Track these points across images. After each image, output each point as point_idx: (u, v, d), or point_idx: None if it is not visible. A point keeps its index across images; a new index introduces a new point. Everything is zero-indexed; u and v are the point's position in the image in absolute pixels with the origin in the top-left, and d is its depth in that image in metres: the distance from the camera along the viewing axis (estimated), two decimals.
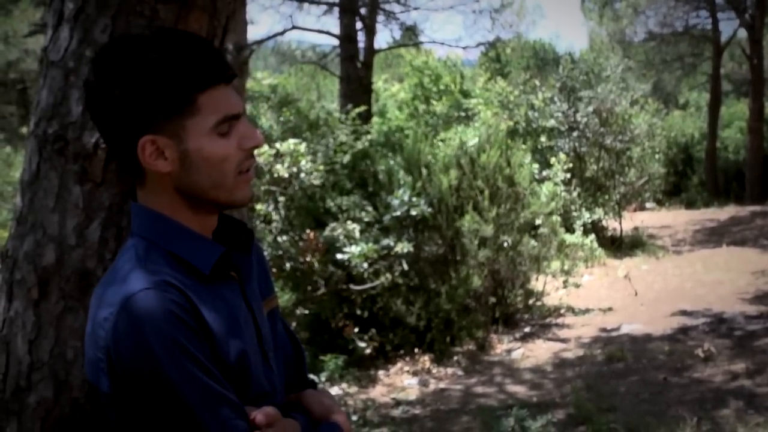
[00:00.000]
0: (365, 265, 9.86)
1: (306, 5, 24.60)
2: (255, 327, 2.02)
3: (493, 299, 11.29)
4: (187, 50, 1.87)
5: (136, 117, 1.85)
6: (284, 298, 10.31)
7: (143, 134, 1.86)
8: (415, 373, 10.10)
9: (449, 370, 10.13)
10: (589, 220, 15.91)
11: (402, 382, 9.86)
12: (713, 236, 18.46)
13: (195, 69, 1.86)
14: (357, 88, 17.24)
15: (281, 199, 10.22)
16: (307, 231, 10.12)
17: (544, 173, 14.22)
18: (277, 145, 10.01)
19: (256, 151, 2.03)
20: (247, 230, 2.10)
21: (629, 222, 18.27)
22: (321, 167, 10.40)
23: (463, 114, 21.01)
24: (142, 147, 1.86)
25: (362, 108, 12.85)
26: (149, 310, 1.76)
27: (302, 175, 10.05)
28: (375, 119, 18.26)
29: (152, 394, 1.76)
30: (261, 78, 13.45)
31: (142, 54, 1.85)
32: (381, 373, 10.20)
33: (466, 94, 23.76)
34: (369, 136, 11.74)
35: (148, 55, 1.85)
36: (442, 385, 9.72)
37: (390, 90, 27.79)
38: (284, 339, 2.20)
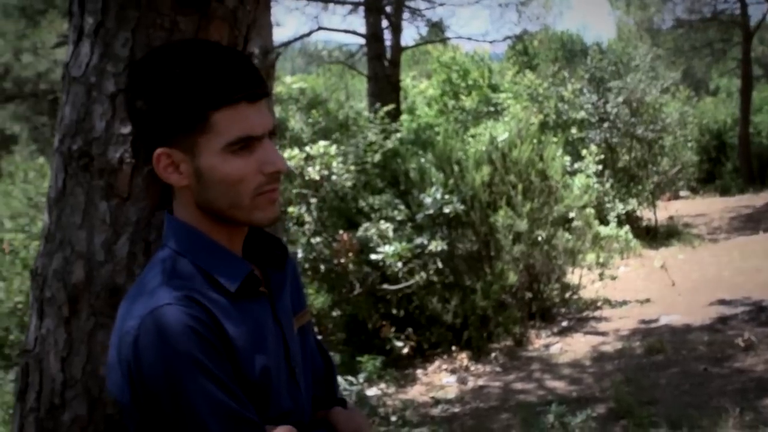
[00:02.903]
0: (399, 264, 9.84)
1: (331, 5, 24.64)
2: (283, 343, 2.00)
3: (529, 294, 11.24)
4: (209, 65, 1.84)
5: (154, 129, 1.86)
6: (320, 300, 10.32)
7: (159, 146, 1.87)
8: (453, 371, 10.07)
9: (487, 367, 10.10)
10: (623, 211, 15.83)
11: (440, 381, 9.84)
12: (749, 223, 18.31)
13: (212, 86, 1.83)
14: (385, 86, 17.24)
15: (313, 201, 10.22)
16: (340, 232, 10.12)
17: (576, 165, 14.15)
18: (308, 148, 10.01)
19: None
20: (281, 246, 2.09)
21: (664, 212, 18.17)
22: (352, 168, 10.40)
23: (492, 108, 20.96)
24: (157, 159, 1.87)
25: (391, 106, 12.83)
26: (170, 325, 1.75)
27: (333, 177, 10.05)
28: (404, 117, 18.26)
29: (169, 409, 1.75)
30: (290, 82, 13.45)
31: (164, 67, 1.85)
32: (419, 372, 10.19)
33: (494, 89, 23.73)
34: (398, 135, 11.72)
35: (170, 69, 1.84)
36: (480, 382, 9.69)
37: (418, 87, 27.76)
38: (315, 355, 2.18)
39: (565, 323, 11.32)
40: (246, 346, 1.86)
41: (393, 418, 8.10)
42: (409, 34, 69.78)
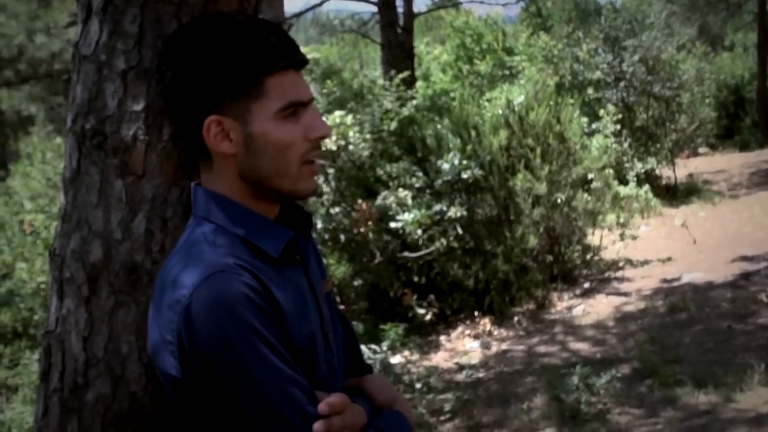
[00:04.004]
0: (419, 231, 9.84)
1: None
2: (318, 309, 2.01)
3: (550, 257, 11.23)
4: (257, 32, 1.87)
5: (204, 96, 1.87)
6: (341, 269, 10.34)
7: (209, 113, 1.87)
8: (476, 337, 10.09)
9: (510, 331, 10.11)
10: (642, 171, 15.75)
11: (464, 346, 9.86)
12: None
13: (264, 50, 1.86)
14: (399, 53, 17.17)
15: (331, 171, 10.22)
16: (359, 201, 10.12)
17: (593, 126, 14.08)
18: (324, 118, 9.98)
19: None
20: (305, 214, 2.10)
21: (683, 169, 18.08)
22: (368, 137, 10.38)
23: (507, 72, 20.87)
24: (208, 127, 1.87)
25: (405, 73, 12.78)
26: (223, 293, 1.76)
27: (350, 146, 10.04)
28: (419, 83, 18.20)
29: (225, 377, 1.75)
30: (304, 53, 13.39)
31: (212, 34, 1.87)
32: (442, 338, 10.21)
33: (509, 52, 23.61)
34: (414, 102, 11.68)
35: (218, 35, 1.86)
36: (504, 346, 9.70)
37: (432, 53, 27.64)
38: (337, 323, 2.18)
39: (587, 285, 11.31)
40: (292, 312, 1.87)
41: (418, 385, 8.13)
42: (422, 0, 69.54)
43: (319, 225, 9.84)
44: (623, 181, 13.75)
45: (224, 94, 1.86)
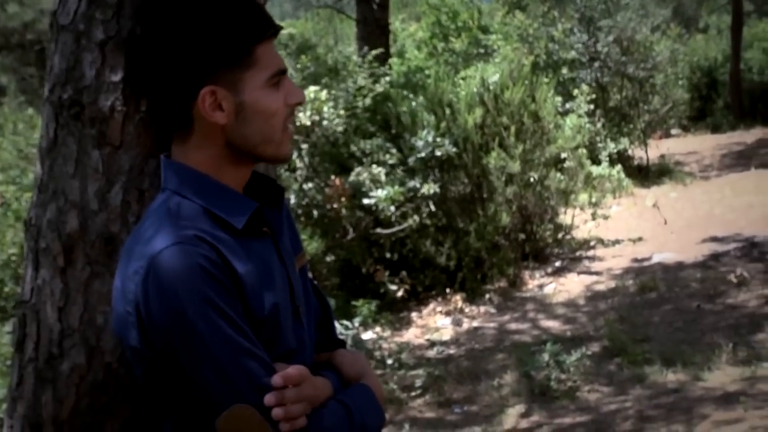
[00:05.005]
0: (392, 208, 9.84)
1: None
2: (288, 281, 2.01)
3: (522, 235, 11.27)
4: (240, 2, 1.89)
5: (197, 66, 1.86)
6: (313, 245, 10.33)
7: (203, 84, 1.87)
8: (448, 313, 10.12)
9: (482, 309, 10.16)
10: (615, 151, 15.78)
11: (435, 323, 9.89)
12: (741, 159, 18.32)
13: (253, 20, 1.88)
14: (374, 30, 17.05)
15: (304, 146, 10.19)
16: (332, 177, 10.10)
17: (567, 106, 14.11)
18: None
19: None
20: (277, 186, 2.11)
21: (655, 150, 18.15)
22: (342, 113, 10.36)
23: (482, 50, 20.84)
24: (203, 98, 1.87)
25: (380, 50, 12.72)
26: (179, 264, 1.76)
27: (324, 122, 10.01)
28: (394, 60, 18.10)
29: (180, 349, 1.76)
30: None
31: (200, 4, 1.87)
32: (414, 315, 10.24)
33: (484, 30, 23.54)
34: (388, 78, 11.65)
35: (208, 6, 1.87)
36: (475, 323, 9.75)
37: (408, 30, 27.53)
38: (312, 298, 2.19)
39: (558, 263, 11.37)
40: (254, 284, 1.87)
41: (389, 361, 8.17)
42: None
43: (292, 200, 9.82)
44: (596, 161, 13.79)
45: (218, 65, 1.86)
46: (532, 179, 11.14)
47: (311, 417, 1.84)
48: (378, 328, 9.20)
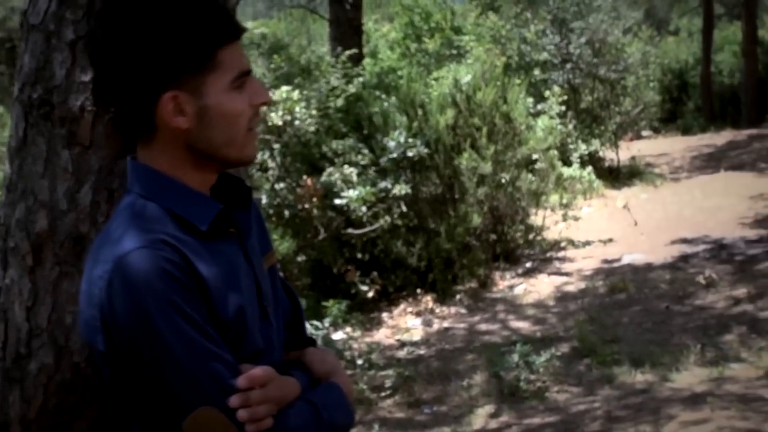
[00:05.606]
0: (364, 208, 9.85)
1: None
2: (255, 282, 2.01)
3: (493, 236, 11.30)
4: (204, 5, 1.87)
5: (159, 71, 1.84)
6: (284, 245, 10.33)
7: (165, 89, 1.84)
8: (418, 314, 10.14)
9: (452, 309, 10.18)
10: (586, 152, 15.82)
11: (406, 324, 9.91)
12: (711, 162, 18.43)
13: (215, 24, 1.86)
14: (347, 30, 17.05)
15: (276, 146, 10.18)
16: (304, 177, 10.10)
17: (539, 107, 14.14)
18: (270, 93, 9.93)
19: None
20: (245, 187, 2.09)
21: (626, 152, 18.22)
22: (315, 113, 10.36)
23: (455, 51, 20.86)
24: (165, 103, 1.85)
25: (353, 50, 12.74)
26: (143, 268, 1.76)
27: (296, 122, 10.01)
28: (366, 61, 18.10)
29: (145, 353, 1.76)
30: (252, 27, 13.31)
31: (161, 8, 1.84)
32: (384, 315, 10.25)
33: (457, 31, 23.55)
34: (361, 79, 11.65)
35: (168, 9, 1.84)
36: (445, 324, 9.77)
37: (381, 30, 27.53)
38: (283, 297, 2.19)
39: (529, 264, 11.40)
40: (219, 286, 1.86)
41: (359, 362, 8.17)
42: None
43: (264, 200, 9.80)
44: (567, 163, 13.84)
45: (180, 70, 1.84)
46: (503, 180, 11.17)
47: (278, 418, 1.84)
48: (348, 329, 9.19)
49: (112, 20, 1.87)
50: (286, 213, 10.01)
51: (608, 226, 13.07)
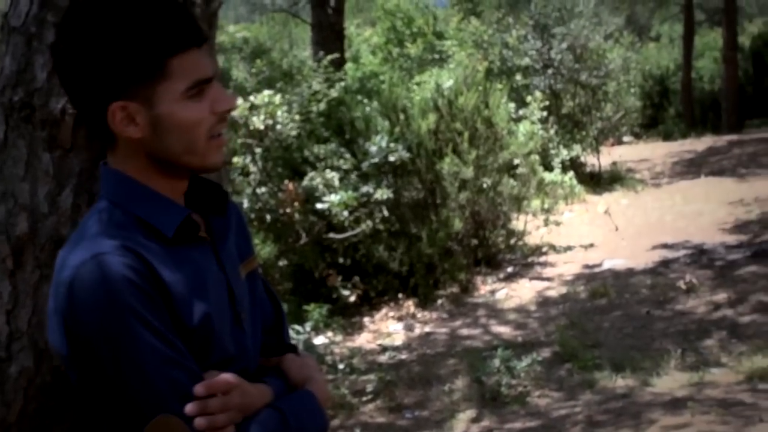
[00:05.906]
0: (345, 213, 9.84)
1: None
2: (228, 288, 1.99)
3: (474, 241, 11.31)
4: (156, 13, 1.82)
5: (106, 82, 1.81)
6: (266, 249, 10.31)
7: (113, 100, 1.82)
8: (400, 319, 10.14)
9: (434, 314, 10.18)
10: (567, 157, 15.85)
11: (387, 328, 9.91)
12: (691, 167, 18.48)
13: (165, 33, 1.82)
14: (329, 34, 17.07)
15: (258, 150, 10.17)
16: (286, 182, 10.09)
17: (521, 112, 14.15)
18: (252, 97, 9.95)
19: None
20: (221, 192, 2.07)
21: (607, 157, 18.27)
22: (296, 117, 10.35)
23: (437, 56, 20.89)
24: (113, 113, 1.82)
25: (335, 55, 12.75)
26: (105, 275, 1.74)
27: (278, 126, 10.00)
28: (348, 65, 18.12)
29: (106, 359, 1.75)
30: (233, 31, 13.32)
31: (110, 17, 1.80)
32: (366, 320, 10.25)
33: (439, 36, 23.61)
34: (343, 83, 11.66)
35: (117, 19, 1.80)
36: (427, 329, 9.77)
37: (363, 35, 27.58)
38: (264, 302, 2.17)
39: (510, 269, 11.41)
40: (184, 293, 1.84)
41: (340, 366, 8.16)
42: None
43: (245, 204, 9.79)
44: (548, 168, 13.86)
45: (128, 81, 1.82)
46: (485, 185, 11.19)
47: (240, 426, 1.82)
48: (330, 333, 9.19)
49: (65, 30, 1.86)
50: (268, 217, 10.00)
51: (589, 231, 13.09)
